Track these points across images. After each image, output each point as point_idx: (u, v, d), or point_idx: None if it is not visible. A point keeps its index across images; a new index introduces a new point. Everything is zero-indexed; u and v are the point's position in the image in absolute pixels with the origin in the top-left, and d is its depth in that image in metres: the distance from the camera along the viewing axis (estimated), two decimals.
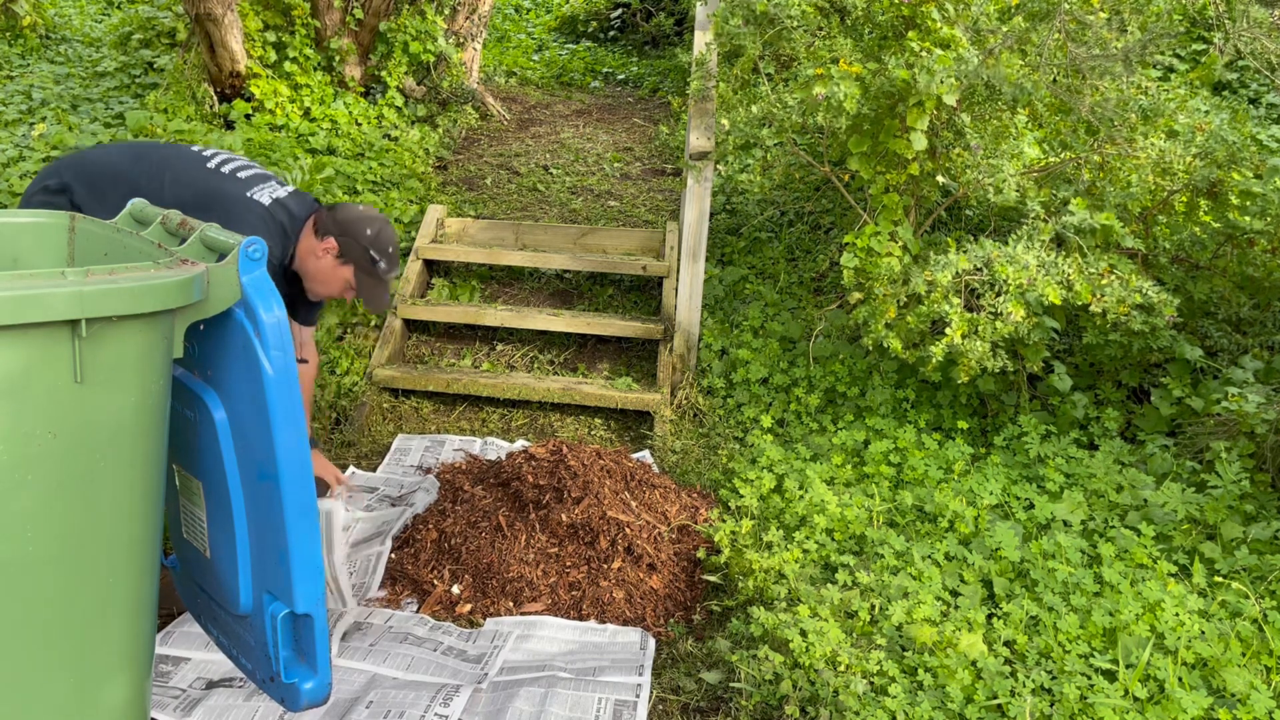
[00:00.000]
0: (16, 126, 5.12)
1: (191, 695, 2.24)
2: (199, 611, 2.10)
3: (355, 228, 2.46)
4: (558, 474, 2.92)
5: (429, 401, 4.06)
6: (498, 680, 2.34)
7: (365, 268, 2.49)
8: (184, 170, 2.40)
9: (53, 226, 1.97)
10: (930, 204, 3.57)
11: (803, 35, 3.35)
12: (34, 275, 1.33)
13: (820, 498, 2.88)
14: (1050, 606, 2.41)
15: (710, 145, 3.65)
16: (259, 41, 5.48)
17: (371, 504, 3.23)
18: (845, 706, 2.10)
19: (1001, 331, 2.93)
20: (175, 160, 2.45)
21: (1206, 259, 3.49)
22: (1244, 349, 3.31)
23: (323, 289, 2.55)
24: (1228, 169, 3.21)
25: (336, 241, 2.47)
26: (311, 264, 2.50)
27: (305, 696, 1.80)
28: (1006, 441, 3.22)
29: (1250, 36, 3.34)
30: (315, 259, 2.49)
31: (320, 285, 2.54)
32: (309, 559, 1.72)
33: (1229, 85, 5.80)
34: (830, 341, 3.75)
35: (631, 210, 5.20)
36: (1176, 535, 2.69)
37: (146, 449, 1.54)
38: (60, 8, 7.39)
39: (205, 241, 1.75)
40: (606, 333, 4.16)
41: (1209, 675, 2.18)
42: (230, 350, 1.69)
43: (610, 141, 6.22)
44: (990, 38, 3.19)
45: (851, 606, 2.43)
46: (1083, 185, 3.46)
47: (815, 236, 4.66)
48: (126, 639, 1.58)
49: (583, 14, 9.12)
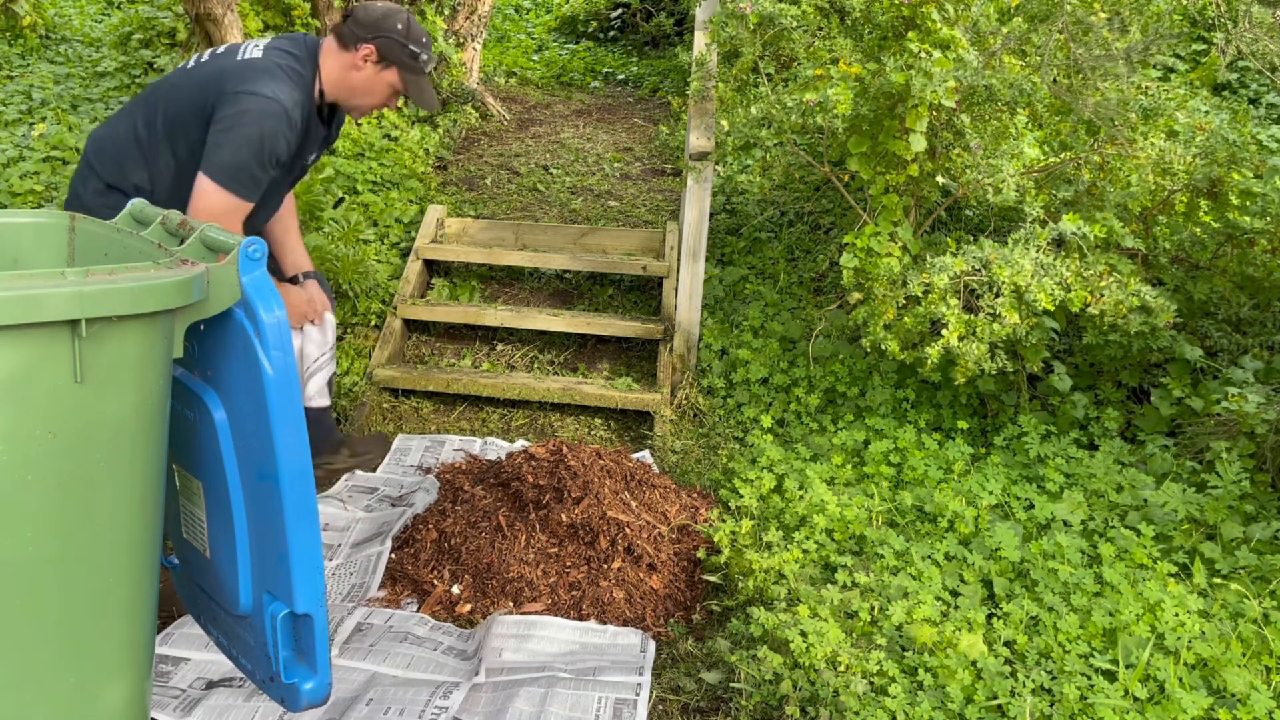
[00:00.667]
0: (16, 126, 5.12)
1: (191, 695, 2.24)
2: (199, 612, 2.10)
3: (386, 24, 2.34)
4: (558, 474, 2.92)
5: (429, 401, 4.06)
6: (498, 680, 2.35)
7: (407, 64, 2.39)
8: (169, 88, 2.34)
9: (53, 226, 1.97)
10: (930, 204, 3.57)
11: (802, 35, 3.35)
12: (34, 275, 1.33)
13: (820, 498, 2.88)
14: (1050, 606, 2.41)
15: (710, 145, 3.65)
16: None
17: (371, 504, 3.23)
18: (845, 706, 2.10)
19: (999, 333, 2.93)
20: (159, 89, 2.39)
21: (1206, 259, 3.49)
22: (1244, 349, 3.31)
23: (368, 100, 2.44)
24: (1228, 169, 3.21)
25: (373, 44, 2.35)
26: (351, 78, 2.39)
27: (305, 697, 1.80)
28: (1006, 441, 3.22)
29: (1251, 37, 3.34)
30: (354, 71, 2.38)
31: (365, 97, 2.43)
32: (309, 559, 1.72)
33: (1229, 85, 5.80)
34: (830, 341, 3.75)
35: (631, 210, 5.20)
36: (1176, 535, 2.69)
37: (146, 449, 1.55)
38: (60, 8, 7.39)
39: (205, 241, 1.75)
40: (606, 333, 4.16)
41: (1209, 675, 2.18)
42: (230, 350, 1.69)
43: (610, 141, 6.22)
44: (990, 39, 3.19)
45: (851, 606, 2.43)
46: (1083, 185, 3.46)
47: (815, 236, 4.66)
48: (126, 639, 1.58)
49: (583, 14, 9.12)
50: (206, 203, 2.16)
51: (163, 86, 2.38)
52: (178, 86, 2.33)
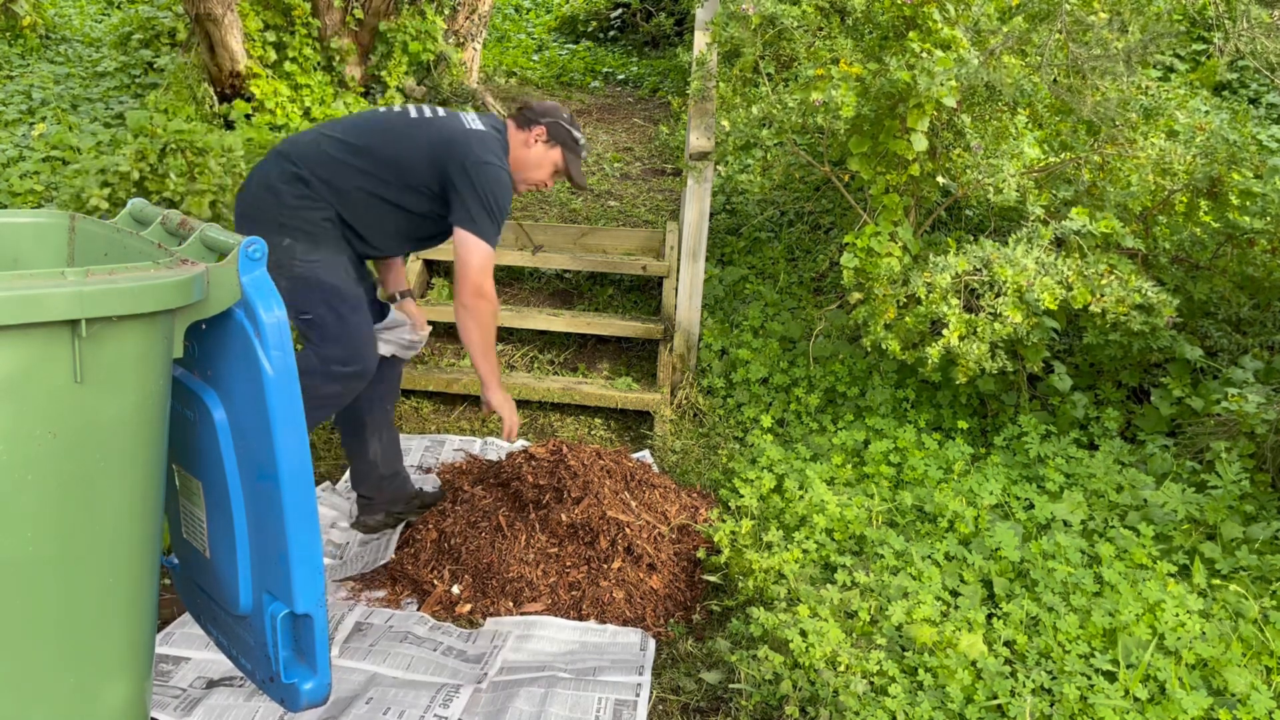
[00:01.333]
0: (16, 126, 5.12)
1: (192, 695, 2.24)
2: (198, 611, 2.10)
3: (555, 112, 2.80)
4: (558, 474, 2.92)
5: (429, 401, 4.06)
6: (498, 680, 2.34)
7: (570, 145, 2.81)
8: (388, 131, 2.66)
9: (53, 226, 1.97)
10: (930, 204, 3.57)
11: (803, 36, 3.35)
12: (34, 275, 1.33)
13: (820, 498, 2.88)
14: (1050, 606, 2.41)
15: (710, 145, 3.65)
16: (259, 41, 5.48)
17: None
18: (845, 706, 2.10)
19: (1000, 333, 2.93)
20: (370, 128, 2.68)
21: (1206, 259, 3.49)
22: (1244, 349, 3.31)
23: (535, 174, 2.82)
24: (1228, 169, 3.21)
25: (545, 125, 2.77)
26: (525, 154, 2.79)
27: (305, 697, 1.80)
28: (1006, 441, 3.22)
29: (1250, 36, 3.34)
30: (527, 149, 2.78)
31: (534, 171, 2.82)
32: (309, 559, 1.72)
33: (1229, 85, 5.80)
34: (830, 341, 3.75)
35: (631, 210, 5.20)
36: (1176, 535, 2.69)
37: (146, 449, 1.55)
38: (60, 8, 7.39)
39: (205, 241, 1.75)
40: (606, 333, 4.16)
41: (1209, 675, 2.18)
42: (230, 350, 1.69)
43: (610, 141, 6.22)
44: (991, 38, 3.19)
45: (851, 606, 2.43)
46: (1083, 185, 3.46)
47: (815, 236, 4.66)
48: (126, 639, 1.59)
49: (583, 14, 9.12)
50: (477, 254, 2.58)
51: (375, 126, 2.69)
52: (400, 134, 2.65)
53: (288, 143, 2.67)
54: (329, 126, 2.71)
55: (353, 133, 2.66)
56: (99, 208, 3.71)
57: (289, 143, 2.67)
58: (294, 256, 2.51)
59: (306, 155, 2.59)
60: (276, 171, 2.58)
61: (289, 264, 2.49)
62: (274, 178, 2.57)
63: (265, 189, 2.56)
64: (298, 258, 2.51)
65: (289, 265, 2.49)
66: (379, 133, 2.66)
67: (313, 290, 2.52)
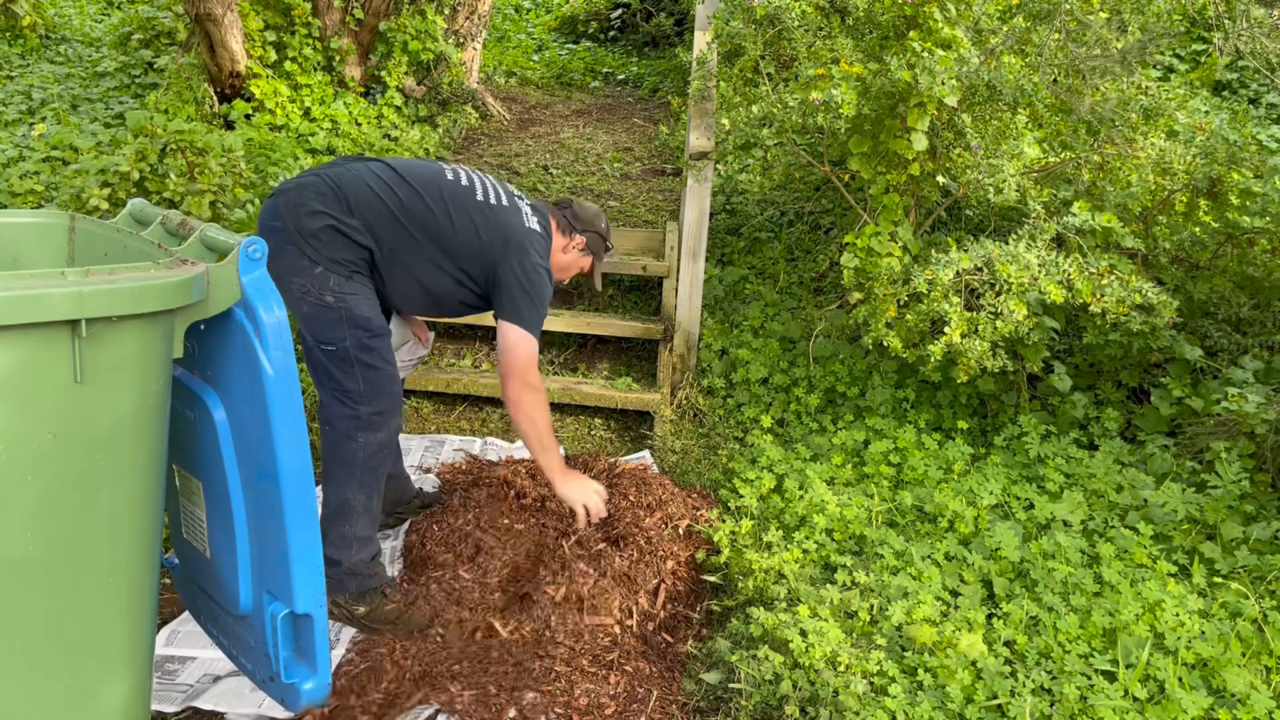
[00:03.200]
0: (16, 126, 5.12)
1: (198, 689, 2.25)
2: (199, 611, 2.10)
3: (595, 224, 2.88)
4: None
5: (429, 401, 4.06)
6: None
7: (600, 256, 2.92)
8: (450, 202, 2.59)
9: (53, 226, 1.97)
10: (930, 204, 3.57)
11: (804, 35, 3.35)
12: (34, 275, 1.33)
13: (820, 498, 2.88)
14: (1050, 606, 2.41)
15: (710, 145, 3.65)
16: (259, 41, 5.48)
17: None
18: (845, 706, 2.10)
19: (1001, 331, 2.93)
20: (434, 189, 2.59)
21: (1206, 259, 3.49)
22: (1244, 349, 3.31)
23: (562, 275, 2.90)
24: (1228, 168, 3.21)
25: (585, 238, 2.85)
26: (559, 257, 2.84)
27: (305, 696, 1.80)
28: (1006, 441, 3.22)
29: (1250, 36, 3.34)
30: (564, 254, 2.85)
31: (561, 272, 2.88)
32: (309, 559, 1.72)
33: (1229, 85, 5.80)
34: (830, 341, 3.75)
35: (631, 210, 5.20)
36: (1176, 535, 2.69)
37: (146, 449, 1.55)
38: (60, 8, 7.39)
39: (205, 241, 1.75)
40: (606, 333, 4.16)
41: (1209, 675, 2.18)
42: (230, 350, 1.69)
43: (610, 141, 6.22)
44: (991, 38, 3.19)
45: (851, 606, 2.43)
46: (1083, 185, 3.46)
47: (815, 236, 4.66)
48: (126, 638, 1.59)
49: (583, 14, 9.12)
50: (525, 348, 2.58)
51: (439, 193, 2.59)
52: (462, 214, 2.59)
53: (340, 173, 2.52)
54: (387, 172, 2.57)
55: (413, 193, 2.55)
56: (99, 208, 3.72)
57: (342, 174, 2.52)
58: (326, 286, 2.40)
59: (361, 198, 2.48)
60: (321, 203, 2.45)
61: (318, 292, 2.39)
62: (318, 207, 2.44)
63: (310, 215, 2.42)
64: (330, 287, 2.41)
65: (318, 293, 2.39)
66: (439, 202, 2.56)
67: (343, 323, 2.42)
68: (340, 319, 2.41)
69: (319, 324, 2.40)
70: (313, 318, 2.40)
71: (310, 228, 2.40)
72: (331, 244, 2.42)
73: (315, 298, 2.39)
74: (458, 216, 2.56)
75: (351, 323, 2.42)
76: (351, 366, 2.44)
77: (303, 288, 2.38)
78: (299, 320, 2.44)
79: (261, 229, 2.47)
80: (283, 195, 2.46)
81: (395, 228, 2.50)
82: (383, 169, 2.58)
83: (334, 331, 2.41)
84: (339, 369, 2.44)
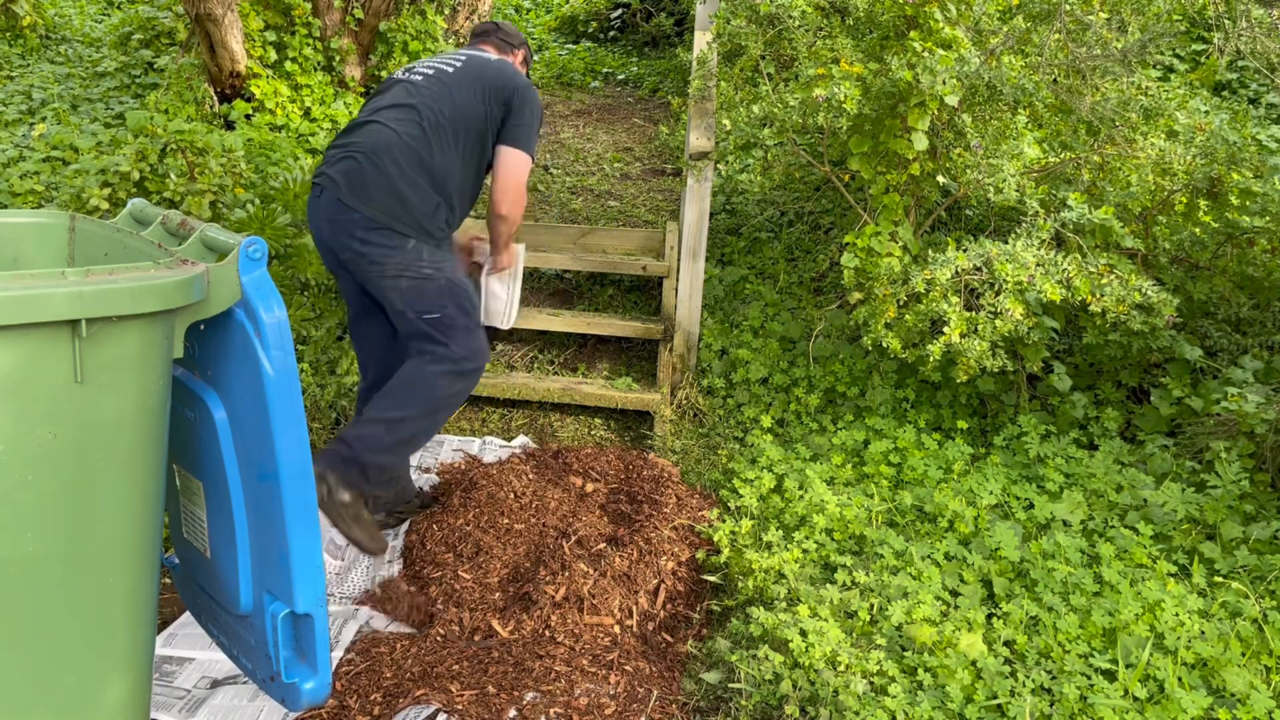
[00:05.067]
0: (16, 126, 5.12)
1: (196, 695, 2.24)
2: (199, 611, 2.10)
3: (520, 37, 3.12)
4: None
5: None
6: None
7: (529, 65, 3.15)
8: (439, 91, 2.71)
9: (53, 226, 1.97)
10: (930, 204, 3.57)
11: (804, 35, 3.35)
12: (34, 275, 1.33)
13: (820, 498, 2.88)
14: (1050, 606, 2.41)
15: (710, 145, 3.65)
16: (259, 41, 5.48)
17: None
18: (845, 706, 2.10)
19: (1000, 330, 2.93)
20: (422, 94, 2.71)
21: (1206, 259, 3.49)
22: (1244, 349, 3.31)
23: None
24: (1228, 169, 3.21)
25: (522, 51, 3.11)
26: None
27: (306, 696, 1.80)
28: (1006, 441, 3.22)
29: (1250, 36, 3.34)
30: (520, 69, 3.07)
31: None
32: (309, 559, 1.72)
33: (1229, 85, 5.80)
34: (830, 341, 3.75)
35: (631, 210, 5.20)
36: (1176, 535, 2.69)
37: (146, 449, 1.55)
38: (60, 8, 7.39)
39: (205, 241, 1.75)
40: (606, 333, 4.16)
41: (1209, 675, 2.18)
42: (230, 350, 1.69)
43: (610, 141, 6.22)
44: (991, 38, 3.19)
45: (851, 606, 2.43)
46: (1083, 185, 3.46)
47: (815, 236, 4.66)
48: (126, 638, 1.59)
49: (583, 14, 9.12)
50: (526, 168, 2.73)
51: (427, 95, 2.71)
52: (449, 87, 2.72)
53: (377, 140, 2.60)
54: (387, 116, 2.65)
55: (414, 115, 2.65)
56: (99, 208, 3.72)
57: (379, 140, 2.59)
58: (421, 258, 2.53)
59: (412, 148, 2.59)
60: (397, 175, 2.55)
61: (415, 265, 2.53)
62: (400, 184, 2.55)
63: (394, 197, 2.54)
64: (424, 259, 2.54)
65: (416, 266, 2.53)
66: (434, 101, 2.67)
67: (442, 291, 2.56)
68: (441, 289, 2.56)
69: (421, 297, 2.54)
70: (414, 291, 2.53)
71: (394, 204, 2.53)
72: (428, 213, 2.57)
73: (414, 272, 2.52)
74: (449, 93, 2.69)
75: (451, 290, 2.59)
76: (454, 329, 2.59)
77: (399, 265, 2.51)
78: (395, 296, 2.55)
79: (331, 226, 2.56)
80: (337, 186, 2.55)
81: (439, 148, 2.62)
82: (384, 116, 2.65)
83: (436, 301, 2.56)
84: (441, 333, 2.58)
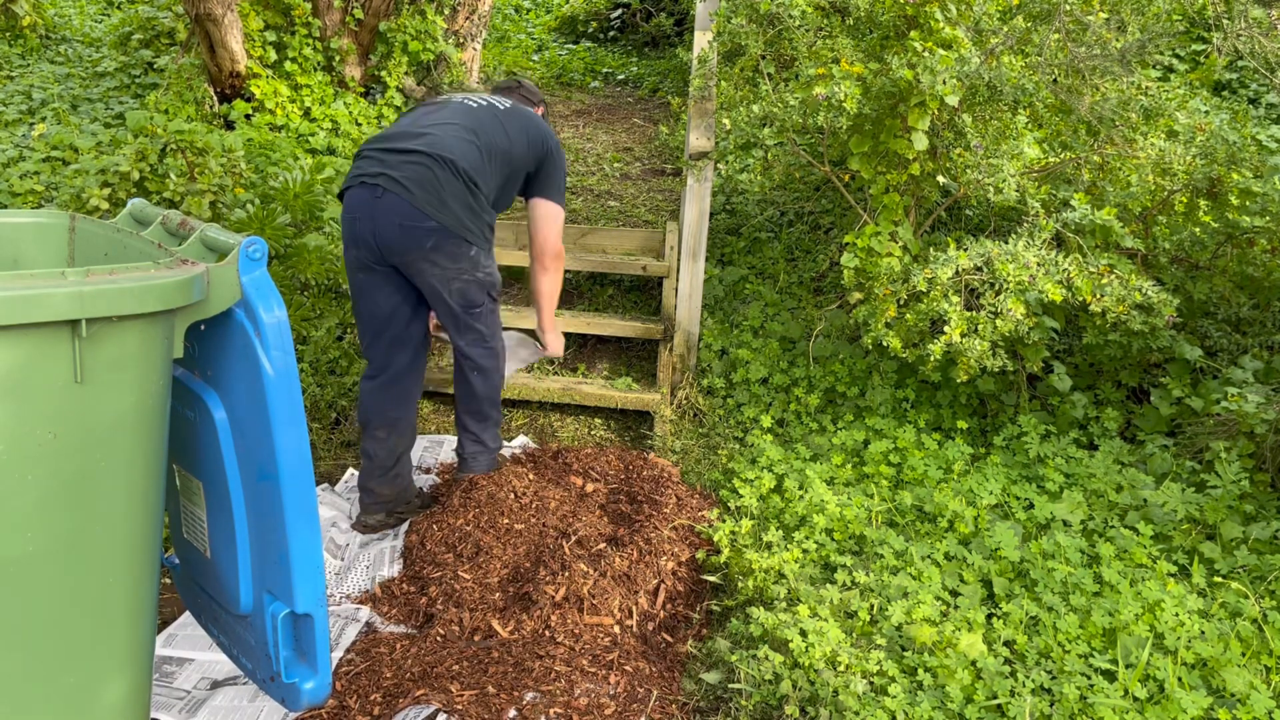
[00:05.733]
0: (16, 126, 5.12)
1: (196, 696, 2.24)
2: (199, 611, 2.10)
3: (539, 93, 3.31)
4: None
5: (429, 401, 4.06)
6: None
7: (547, 120, 3.29)
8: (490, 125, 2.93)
9: (53, 226, 1.97)
10: (930, 204, 3.57)
11: (804, 35, 3.35)
12: (34, 275, 1.33)
13: (820, 498, 2.88)
14: (1050, 606, 2.41)
15: (710, 145, 3.65)
16: (259, 41, 5.48)
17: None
18: (845, 706, 2.10)
19: (1001, 330, 2.93)
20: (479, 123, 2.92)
21: (1206, 259, 3.49)
22: (1244, 349, 3.31)
23: None
24: (1228, 169, 3.21)
25: (543, 107, 3.29)
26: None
27: (305, 696, 1.80)
28: (1006, 441, 3.22)
29: (1249, 36, 3.34)
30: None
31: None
32: (309, 559, 1.72)
33: (1229, 85, 5.80)
34: (830, 341, 3.75)
35: (631, 210, 5.20)
36: (1176, 535, 2.69)
37: (146, 449, 1.55)
38: (60, 8, 7.39)
39: (205, 241, 1.75)
40: (606, 333, 4.16)
41: (1209, 675, 2.18)
42: (230, 350, 1.69)
43: (610, 141, 6.22)
44: (991, 38, 3.19)
45: (851, 606, 2.43)
46: (1083, 185, 3.46)
47: (815, 236, 4.66)
48: (126, 638, 1.59)
49: (583, 14, 9.12)
50: (560, 222, 3.06)
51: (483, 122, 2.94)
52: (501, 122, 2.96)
53: (444, 151, 2.77)
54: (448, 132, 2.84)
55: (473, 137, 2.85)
56: (99, 208, 3.72)
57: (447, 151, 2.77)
58: (479, 264, 2.82)
59: (473, 164, 2.78)
60: (466, 187, 2.77)
61: (473, 270, 2.80)
62: (469, 196, 2.77)
63: (466, 208, 2.76)
64: (481, 264, 2.83)
65: (473, 271, 2.80)
66: (489, 130, 2.89)
67: (486, 289, 2.87)
68: (483, 287, 2.86)
69: (470, 294, 2.83)
70: (466, 291, 2.81)
71: (466, 214, 2.75)
72: (489, 221, 2.84)
73: (469, 275, 2.80)
74: (498, 131, 2.91)
75: (492, 288, 2.89)
76: (490, 317, 2.94)
77: (459, 270, 2.78)
78: (448, 295, 2.81)
79: (402, 231, 2.71)
80: (409, 192, 2.71)
81: (489, 171, 2.84)
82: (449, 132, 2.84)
83: (479, 296, 2.86)
84: (481, 322, 2.91)
